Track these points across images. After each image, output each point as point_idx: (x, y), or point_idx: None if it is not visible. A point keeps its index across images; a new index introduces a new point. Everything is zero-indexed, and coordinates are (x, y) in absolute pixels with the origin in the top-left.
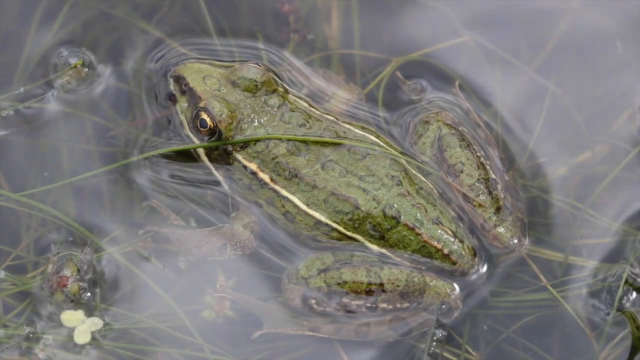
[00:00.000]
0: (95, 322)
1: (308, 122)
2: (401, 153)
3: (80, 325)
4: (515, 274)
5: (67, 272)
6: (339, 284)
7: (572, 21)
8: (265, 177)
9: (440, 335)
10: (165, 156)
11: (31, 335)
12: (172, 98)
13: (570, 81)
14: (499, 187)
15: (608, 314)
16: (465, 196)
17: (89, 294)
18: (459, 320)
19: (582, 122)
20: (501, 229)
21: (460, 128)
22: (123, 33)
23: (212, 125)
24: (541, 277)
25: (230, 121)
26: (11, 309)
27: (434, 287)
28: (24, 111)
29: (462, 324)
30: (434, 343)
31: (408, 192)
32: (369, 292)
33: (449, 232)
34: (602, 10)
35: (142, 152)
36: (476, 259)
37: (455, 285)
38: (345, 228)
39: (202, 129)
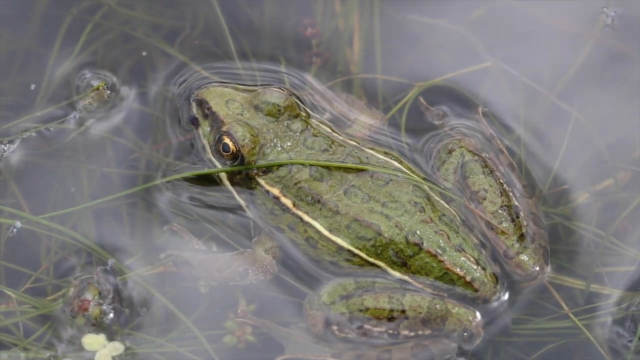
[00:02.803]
0: (117, 347)
1: (331, 147)
2: (424, 179)
3: (102, 349)
4: (537, 302)
5: (88, 295)
6: (360, 310)
7: (594, 47)
8: (287, 202)
9: None
10: (187, 180)
11: (52, 359)
12: (194, 122)
13: (592, 107)
14: (522, 214)
15: (630, 341)
16: (488, 223)
17: (111, 316)
18: (481, 347)
19: (604, 148)
20: (524, 257)
21: (483, 154)
22: (145, 55)
23: (234, 149)
24: (563, 305)
25: (252, 146)
26: (32, 332)
27: (455, 314)
28: (46, 133)
29: (483, 351)
30: None
31: (431, 219)
32: (390, 319)
33: (472, 259)
34: (623, 36)
35: (164, 176)
36: (498, 287)
37: (477, 313)
38: (367, 254)
39: (224, 153)
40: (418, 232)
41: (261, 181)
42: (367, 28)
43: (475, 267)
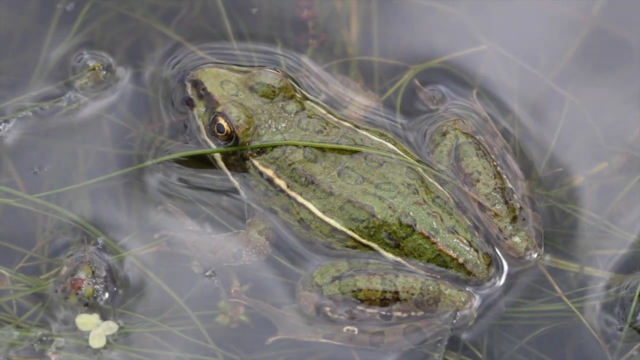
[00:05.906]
0: (110, 326)
1: (325, 128)
2: (418, 161)
3: (95, 329)
4: (531, 284)
5: (81, 274)
6: (353, 291)
7: (590, 31)
8: (281, 183)
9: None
10: (181, 161)
11: (44, 338)
12: (189, 102)
13: (588, 91)
14: (515, 196)
15: (621, 329)
16: (481, 205)
17: (106, 295)
18: (473, 329)
19: (599, 132)
20: (517, 239)
21: (477, 137)
22: (141, 36)
23: (229, 130)
24: (556, 287)
25: (247, 127)
26: (25, 310)
27: (448, 296)
28: (42, 112)
29: (476, 333)
30: (448, 352)
31: (424, 201)
32: (383, 300)
33: (465, 241)
34: (620, 20)
35: (158, 156)
36: (491, 269)
37: (470, 294)
38: (360, 236)
39: (219, 134)
40: (411, 213)
41: (255, 162)
42: (364, 10)
43: (468, 249)
